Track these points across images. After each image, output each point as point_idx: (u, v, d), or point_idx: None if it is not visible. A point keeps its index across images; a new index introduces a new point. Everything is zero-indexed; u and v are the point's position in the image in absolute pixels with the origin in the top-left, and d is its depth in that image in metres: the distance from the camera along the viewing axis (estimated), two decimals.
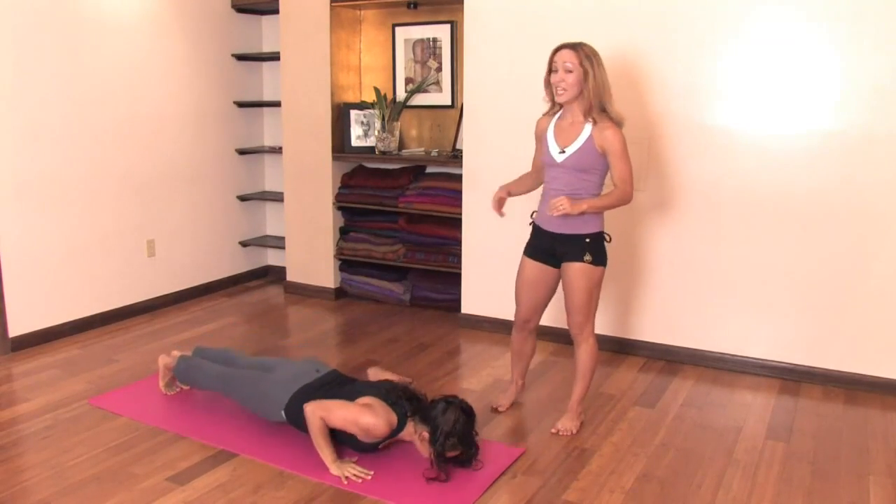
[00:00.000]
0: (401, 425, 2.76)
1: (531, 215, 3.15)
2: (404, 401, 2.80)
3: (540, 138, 3.06)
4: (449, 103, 4.79)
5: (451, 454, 2.69)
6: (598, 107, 2.87)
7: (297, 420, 2.86)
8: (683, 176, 3.77)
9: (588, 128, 2.88)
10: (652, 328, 3.97)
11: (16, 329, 3.97)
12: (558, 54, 2.85)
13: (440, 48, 4.75)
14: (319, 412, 2.72)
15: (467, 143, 4.30)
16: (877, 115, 3.35)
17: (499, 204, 3.12)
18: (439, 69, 4.78)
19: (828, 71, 3.42)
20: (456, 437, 2.66)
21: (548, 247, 3.04)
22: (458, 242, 4.51)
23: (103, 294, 4.43)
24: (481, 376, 3.72)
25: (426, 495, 2.60)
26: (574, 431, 3.09)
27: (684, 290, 3.86)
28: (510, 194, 3.15)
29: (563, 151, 2.92)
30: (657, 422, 3.21)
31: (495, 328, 4.37)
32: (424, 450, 2.73)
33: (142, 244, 4.65)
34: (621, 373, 3.77)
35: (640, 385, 3.62)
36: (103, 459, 2.83)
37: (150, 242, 4.70)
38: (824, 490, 2.67)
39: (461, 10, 4.30)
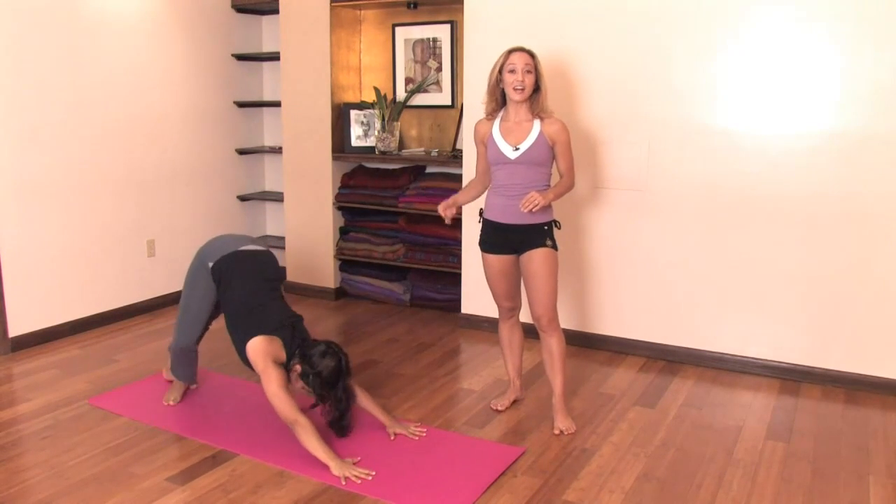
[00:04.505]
0: (287, 362, 2.91)
1: (480, 213, 3.23)
2: (295, 337, 2.95)
3: (483, 142, 3.15)
4: (449, 103, 4.79)
5: (321, 393, 2.85)
6: (546, 104, 3.05)
7: (218, 278, 3.09)
8: (683, 176, 3.77)
9: (537, 124, 3.03)
10: (652, 328, 3.97)
11: (16, 329, 3.97)
12: (516, 56, 2.99)
13: (440, 48, 4.75)
14: (282, 408, 2.78)
15: (467, 142, 4.30)
16: (877, 116, 3.35)
17: (446, 211, 3.26)
18: (439, 69, 4.78)
19: (828, 71, 3.42)
20: (323, 380, 2.81)
21: (507, 240, 3.13)
22: (458, 242, 4.51)
23: (103, 294, 4.43)
24: (481, 376, 3.72)
25: (426, 495, 2.60)
26: (574, 428, 3.12)
27: (684, 290, 3.86)
28: (457, 203, 3.28)
29: (518, 148, 3.02)
30: (657, 422, 3.21)
31: (495, 328, 4.34)
32: (295, 381, 2.87)
33: (142, 244, 4.65)
34: (621, 373, 3.77)
35: (640, 385, 3.62)
36: (103, 459, 2.83)
37: (150, 242, 4.70)
38: (824, 490, 2.67)
39: (461, 10, 4.30)
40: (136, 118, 4.52)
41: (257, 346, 2.86)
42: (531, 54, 3.00)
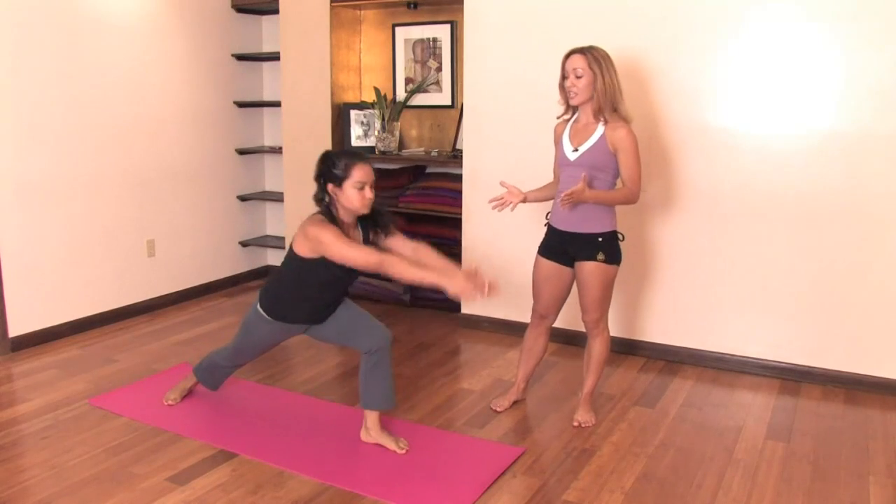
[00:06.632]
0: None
1: (546, 216, 3.21)
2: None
3: (557, 142, 3.13)
4: (449, 103, 4.79)
5: (349, 170, 2.72)
6: (609, 107, 2.96)
7: (278, 312, 2.91)
8: (684, 176, 3.77)
9: (601, 127, 2.97)
10: (652, 328, 3.97)
11: (16, 329, 3.97)
12: (569, 60, 2.96)
13: (440, 48, 4.75)
14: (358, 258, 2.67)
15: (467, 143, 4.30)
16: (877, 115, 3.35)
17: (506, 201, 3.13)
18: (439, 69, 4.78)
19: (829, 70, 3.42)
20: (342, 153, 2.76)
21: (561, 246, 3.10)
22: (458, 242, 4.51)
23: (103, 294, 4.43)
24: (481, 376, 3.72)
25: (426, 495, 2.60)
26: (594, 422, 3.13)
27: (685, 290, 3.86)
28: (525, 200, 3.17)
29: (577, 150, 2.99)
30: (657, 422, 3.21)
31: (495, 328, 4.37)
32: (344, 197, 2.76)
33: (142, 244, 4.65)
34: (621, 373, 3.77)
35: (640, 385, 3.62)
36: (103, 459, 2.83)
37: (150, 242, 4.70)
38: (824, 490, 2.67)
39: (461, 10, 4.30)
40: (136, 118, 4.52)
41: (303, 228, 2.74)
42: (584, 55, 2.91)
